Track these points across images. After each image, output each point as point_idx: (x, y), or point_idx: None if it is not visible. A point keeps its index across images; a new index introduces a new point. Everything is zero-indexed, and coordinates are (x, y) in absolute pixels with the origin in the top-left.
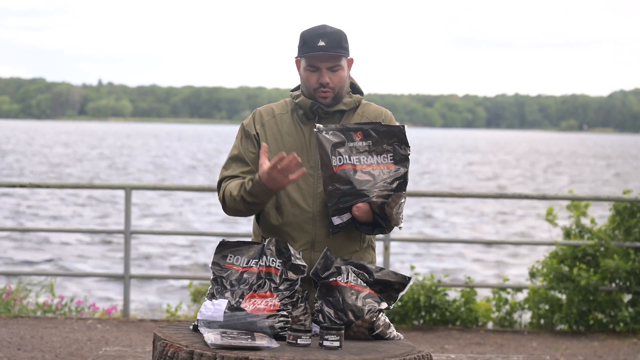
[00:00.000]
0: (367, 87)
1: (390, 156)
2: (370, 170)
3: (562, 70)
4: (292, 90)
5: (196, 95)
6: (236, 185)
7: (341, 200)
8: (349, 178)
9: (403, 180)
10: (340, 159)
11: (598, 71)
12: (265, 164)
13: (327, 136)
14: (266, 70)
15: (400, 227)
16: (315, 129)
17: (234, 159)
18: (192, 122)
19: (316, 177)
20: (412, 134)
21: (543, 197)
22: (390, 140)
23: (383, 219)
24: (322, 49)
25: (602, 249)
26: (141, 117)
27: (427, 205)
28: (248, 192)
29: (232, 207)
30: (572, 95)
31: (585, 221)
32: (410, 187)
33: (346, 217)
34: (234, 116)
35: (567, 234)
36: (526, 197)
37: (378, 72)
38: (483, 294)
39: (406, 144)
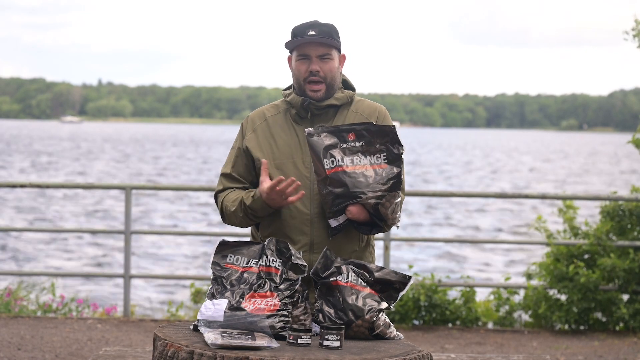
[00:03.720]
0: (367, 86)
1: (384, 156)
2: (363, 170)
3: (562, 70)
4: (284, 90)
5: (196, 95)
6: (234, 201)
7: (335, 203)
8: (342, 180)
9: (397, 179)
10: (332, 161)
11: (598, 71)
12: (265, 182)
13: (319, 139)
14: (266, 70)
15: (397, 227)
16: (305, 134)
17: (226, 176)
18: (192, 122)
19: (312, 178)
20: (413, 134)
21: (543, 197)
22: (383, 140)
23: (379, 219)
24: (312, 37)
25: (599, 248)
26: (141, 117)
27: (427, 204)
28: (248, 207)
29: (231, 220)
30: (572, 95)
31: (580, 222)
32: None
33: (342, 218)
34: (234, 116)
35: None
36: (526, 196)
37: (378, 71)
38: (483, 293)
39: (399, 143)
